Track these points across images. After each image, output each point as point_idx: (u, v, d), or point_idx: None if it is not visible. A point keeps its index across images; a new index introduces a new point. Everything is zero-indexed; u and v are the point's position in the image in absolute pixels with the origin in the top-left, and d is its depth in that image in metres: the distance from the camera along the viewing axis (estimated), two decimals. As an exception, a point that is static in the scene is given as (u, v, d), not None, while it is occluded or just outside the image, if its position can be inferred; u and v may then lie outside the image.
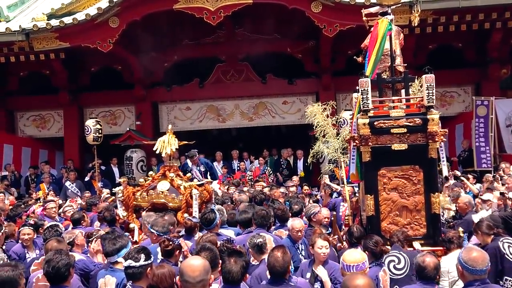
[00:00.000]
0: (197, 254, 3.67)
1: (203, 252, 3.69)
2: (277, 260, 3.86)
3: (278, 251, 3.96)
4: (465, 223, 6.66)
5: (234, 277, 3.45)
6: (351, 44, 11.83)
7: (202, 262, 3.13)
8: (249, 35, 14.02)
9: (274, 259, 3.88)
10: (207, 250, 3.76)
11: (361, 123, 5.43)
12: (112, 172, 13.92)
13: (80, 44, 12.12)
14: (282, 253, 3.92)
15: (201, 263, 3.10)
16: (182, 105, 14.96)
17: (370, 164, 5.48)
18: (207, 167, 11.58)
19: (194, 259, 3.20)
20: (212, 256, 3.71)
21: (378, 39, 5.65)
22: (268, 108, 14.69)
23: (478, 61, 13.37)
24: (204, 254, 3.65)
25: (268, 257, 3.98)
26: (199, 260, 3.16)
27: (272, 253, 3.96)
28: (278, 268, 3.86)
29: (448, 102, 13.94)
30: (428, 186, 5.39)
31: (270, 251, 4.04)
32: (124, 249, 4.26)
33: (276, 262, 3.86)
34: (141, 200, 6.56)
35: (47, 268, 3.79)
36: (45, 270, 3.82)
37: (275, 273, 3.88)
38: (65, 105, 14.78)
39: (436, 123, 5.32)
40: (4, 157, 14.14)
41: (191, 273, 3.01)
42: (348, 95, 13.45)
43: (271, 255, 3.93)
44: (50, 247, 4.60)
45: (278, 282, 3.87)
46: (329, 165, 9.76)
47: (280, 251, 3.95)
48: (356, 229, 5.36)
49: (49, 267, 3.77)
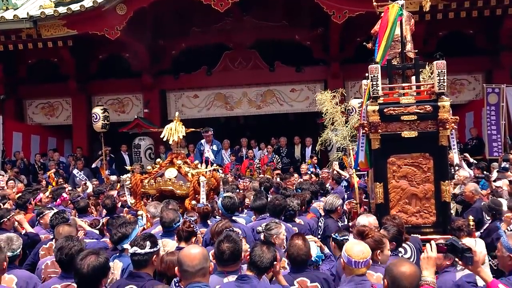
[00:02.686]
0: (219, 243, 3.55)
1: (227, 242, 3.53)
2: (300, 248, 3.83)
3: (298, 239, 3.92)
4: (474, 210, 6.61)
5: (263, 263, 3.47)
6: (360, 31, 11.66)
7: (200, 250, 3.13)
8: (257, 22, 13.89)
9: (297, 248, 3.84)
10: (231, 242, 3.55)
11: (371, 110, 5.36)
12: (123, 159, 13.96)
13: (88, 32, 12.11)
14: (303, 241, 3.89)
15: (199, 251, 3.09)
16: (190, 93, 14.93)
17: (380, 152, 5.42)
18: (218, 147, 11.54)
19: (193, 248, 3.18)
20: (236, 248, 3.57)
21: (388, 25, 5.55)
22: (276, 96, 14.62)
23: (489, 48, 13.17)
24: (228, 245, 3.52)
25: (289, 247, 3.93)
26: (197, 249, 3.15)
27: (293, 241, 3.90)
28: (303, 256, 3.84)
29: (458, 90, 13.79)
30: (438, 174, 5.31)
31: (290, 240, 3.97)
32: (129, 237, 4.21)
33: (300, 250, 3.83)
34: (148, 188, 6.55)
35: (60, 256, 3.76)
36: (58, 257, 3.79)
37: (299, 261, 3.84)
38: (73, 93, 14.81)
39: (447, 110, 5.24)
40: (14, 145, 14.23)
41: (190, 262, 3.00)
42: (357, 83, 13.35)
43: (293, 244, 3.88)
44: (61, 231, 4.56)
45: (301, 270, 3.84)
46: (338, 153, 9.71)
47: (300, 239, 3.91)
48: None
49: (62, 254, 3.74)
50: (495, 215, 5.92)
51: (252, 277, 3.41)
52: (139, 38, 12.98)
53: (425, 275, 2.94)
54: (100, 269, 3.13)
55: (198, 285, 2.97)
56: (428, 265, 3.00)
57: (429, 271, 2.97)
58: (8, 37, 12.77)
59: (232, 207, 5.64)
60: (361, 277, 3.32)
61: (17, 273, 4.03)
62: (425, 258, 3.04)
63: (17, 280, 3.95)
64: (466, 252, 3.07)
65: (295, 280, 3.78)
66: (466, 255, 3.07)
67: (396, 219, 4.76)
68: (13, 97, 15.09)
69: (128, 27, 11.91)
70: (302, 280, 3.79)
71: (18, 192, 9.15)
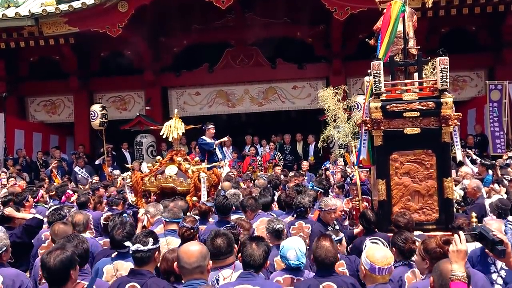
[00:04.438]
0: (212, 239, 3.55)
1: (219, 237, 3.54)
2: (328, 250, 3.59)
3: (326, 240, 3.68)
4: (477, 207, 6.59)
5: (256, 261, 3.37)
6: (362, 28, 11.64)
7: (199, 248, 3.08)
8: (258, 19, 13.86)
9: (325, 250, 3.59)
10: (222, 236, 3.58)
11: (373, 107, 5.34)
12: (124, 156, 13.98)
13: (89, 29, 12.10)
14: (330, 242, 3.67)
15: (197, 249, 3.06)
16: (192, 90, 14.91)
17: (382, 148, 5.40)
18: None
19: (192, 245, 3.16)
20: (228, 241, 3.56)
21: (391, 21, 5.52)
22: (277, 93, 14.60)
23: (492, 44, 13.14)
24: (220, 239, 3.52)
25: (315, 248, 3.66)
26: (196, 246, 3.12)
27: (320, 243, 3.66)
28: (331, 259, 3.59)
29: (460, 86, 13.74)
30: (441, 171, 5.29)
31: (317, 242, 3.71)
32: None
33: (328, 252, 3.58)
34: (149, 185, 6.56)
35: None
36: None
37: (327, 264, 3.58)
38: (75, 90, 14.80)
39: (450, 107, 5.21)
40: (16, 142, 14.24)
41: (187, 259, 2.99)
42: (359, 80, 13.32)
43: (320, 245, 3.63)
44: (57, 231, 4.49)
45: (328, 274, 3.58)
46: (339, 150, 9.68)
47: (328, 241, 3.68)
48: (371, 214, 5.24)
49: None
50: (501, 214, 5.87)
51: (255, 274, 3.36)
52: (141, 35, 12.97)
53: (455, 269, 2.72)
54: (67, 261, 3.12)
55: (196, 282, 2.96)
56: (458, 259, 2.75)
57: (459, 265, 2.74)
58: (10, 34, 12.76)
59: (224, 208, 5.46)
60: (384, 286, 3.14)
61: (2, 272, 3.90)
62: (455, 251, 2.78)
63: (3, 279, 3.81)
64: (498, 244, 2.90)
65: (321, 284, 3.53)
66: (498, 248, 2.89)
67: (407, 215, 4.73)
68: (15, 94, 15.08)
69: (129, 24, 11.90)
70: (329, 285, 3.54)
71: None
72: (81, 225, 5.11)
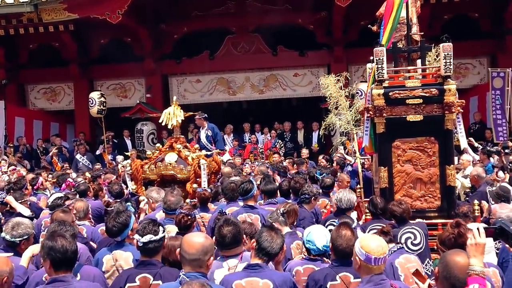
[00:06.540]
0: (220, 227, 3.49)
1: (227, 226, 3.47)
2: (349, 239, 3.40)
3: (346, 229, 3.49)
4: (479, 194, 6.57)
5: (274, 250, 3.34)
6: (364, 15, 11.52)
7: (202, 241, 2.97)
8: (259, 6, 13.77)
9: (346, 239, 3.41)
10: (231, 225, 3.49)
11: (376, 94, 5.29)
12: (125, 144, 13.95)
13: (89, 15, 12.00)
14: (351, 231, 3.50)
15: (200, 242, 2.96)
16: (192, 78, 14.83)
17: (384, 136, 5.36)
18: (213, 132, 11.30)
19: (197, 236, 3.09)
20: (237, 231, 3.50)
21: (394, 7, 5.46)
22: (279, 81, 14.52)
23: (494, 32, 13.04)
24: (228, 228, 3.46)
25: (336, 237, 3.47)
26: (200, 238, 3.02)
27: (341, 231, 3.47)
28: (352, 248, 3.34)
29: (462, 74, 13.66)
30: (443, 158, 5.26)
31: (337, 230, 3.51)
32: (129, 226, 4.02)
33: (349, 241, 3.38)
34: (149, 173, 6.54)
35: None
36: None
37: (347, 254, 3.37)
38: (75, 78, 14.75)
39: (453, 94, 5.17)
40: (16, 130, 14.21)
41: (187, 249, 2.93)
42: (361, 67, 13.24)
43: (341, 234, 3.44)
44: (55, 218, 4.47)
45: (347, 263, 3.41)
46: (341, 137, 9.66)
47: (348, 229, 3.50)
48: (379, 200, 5.15)
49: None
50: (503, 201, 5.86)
51: (264, 265, 3.30)
52: (141, 22, 12.89)
53: (473, 263, 2.60)
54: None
55: (194, 274, 2.86)
56: (476, 253, 2.62)
57: (478, 259, 2.61)
58: (9, 21, 12.67)
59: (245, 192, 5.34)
60: (380, 276, 3.03)
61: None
62: (473, 245, 2.65)
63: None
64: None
65: (337, 274, 3.41)
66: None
67: (403, 204, 4.71)
68: (15, 82, 15.02)
69: (129, 11, 11.79)
70: (345, 275, 3.41)
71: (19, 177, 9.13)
72: (81, 211, 5.14)
